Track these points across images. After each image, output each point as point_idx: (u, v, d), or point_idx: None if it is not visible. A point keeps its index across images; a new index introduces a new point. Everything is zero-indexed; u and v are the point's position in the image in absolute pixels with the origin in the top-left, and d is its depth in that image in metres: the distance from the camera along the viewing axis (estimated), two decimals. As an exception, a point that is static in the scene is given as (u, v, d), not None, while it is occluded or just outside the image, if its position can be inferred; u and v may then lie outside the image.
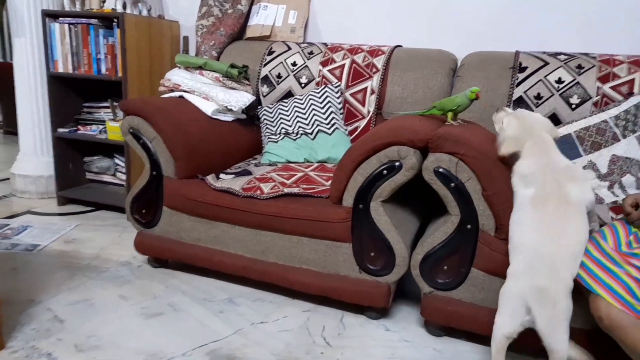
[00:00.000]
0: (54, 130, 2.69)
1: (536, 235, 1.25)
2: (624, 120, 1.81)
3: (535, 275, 1.21)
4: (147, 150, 1.92)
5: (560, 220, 1.24)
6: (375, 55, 2.30)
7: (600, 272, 1.19)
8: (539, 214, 1.26)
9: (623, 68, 1.92)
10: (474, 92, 1.65)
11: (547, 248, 1.22)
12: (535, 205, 1.28)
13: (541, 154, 1.38)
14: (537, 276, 1.21)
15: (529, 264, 1.24)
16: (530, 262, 1.24)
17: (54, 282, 1.89)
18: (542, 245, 1.23)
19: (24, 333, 1.55)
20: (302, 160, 2.19)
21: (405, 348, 1.59)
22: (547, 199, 1.26)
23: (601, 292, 1.16)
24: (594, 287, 1.17)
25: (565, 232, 1.23)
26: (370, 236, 1.64)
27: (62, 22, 2.54)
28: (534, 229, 1.26)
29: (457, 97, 1.71)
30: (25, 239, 2.29)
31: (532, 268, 1.23)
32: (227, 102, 2.17)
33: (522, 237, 1.29)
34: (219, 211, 1.81)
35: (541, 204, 1.27)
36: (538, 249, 1.23)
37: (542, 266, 1.21)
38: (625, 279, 1.15)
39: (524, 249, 1.27)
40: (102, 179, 2.93)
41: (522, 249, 1.28)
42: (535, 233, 1.25)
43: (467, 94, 1.67)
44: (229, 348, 1.54)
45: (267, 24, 2.60)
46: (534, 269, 1.22)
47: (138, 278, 1.97)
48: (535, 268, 1.22)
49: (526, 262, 1.25)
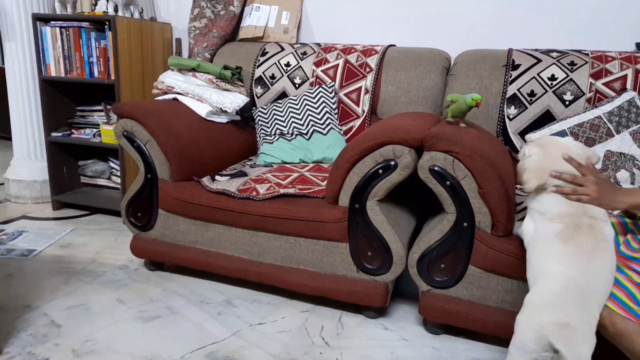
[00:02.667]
0: (48, 135, 2.67)
1: (569, 268, 1.13)
2: (618, 116, 1.82)
3: (564, 309, 1.09)
4: (142, 153, 1.91)
5: (596, 256, 1.13)
6: (369, 55, 2.30)
7: None
8: (573, 248, 1.14)
9: (615, 64, 1.93)
10: (476, 100, 1.55)
11: (581, 284, 1.10)
12: (566, 239, 1.16)
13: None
14: (566, 311, 1.08)
15: (559, 297, 1.11)
16: (560, 296, 1.11)
17: (50, 287, 1.88)
18: (576, 280, 1.11)
19: (20, 339, 1.54)
20: (297, 160, 2.18)
21: (404, 347, 1.59)
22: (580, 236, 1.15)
23: None
24: None
25: (601, 272, 1.12)
26: (366, 236, 1.64)
27: (54, 26, 2.53)
28: (568, 262, 1.14)
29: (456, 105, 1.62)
30: (20, 244, 2.28)
31: (561, 301, 1.10)
32: (221, 103, 2.17)
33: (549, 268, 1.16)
34: (214, 213, 1.81)
35: (573, 238, 1.15)
36: (571, 283, 1.11)
37: (574, 301, 1.09)
38: (626, 285, 1.13)
39: (552, 278, 1.14)
40: (97, 183, 2.92)
41: (550, 279, 1.14)
42: (569, 266, 1.13)
43: (467, 100, 1.58)
44: (227, 350, 1.53)
45: (260, 25, 2.59)
46: (564, 302, 1.10)
47: (134, 282, 1.96)
48: (565, 301, 1.10)
49: (556, 293, 1.11)
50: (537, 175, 1.24)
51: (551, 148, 1.27)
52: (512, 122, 2.01)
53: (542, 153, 1.26)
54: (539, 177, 1.24)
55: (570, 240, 1.15)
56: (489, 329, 1.54)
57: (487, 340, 1.64)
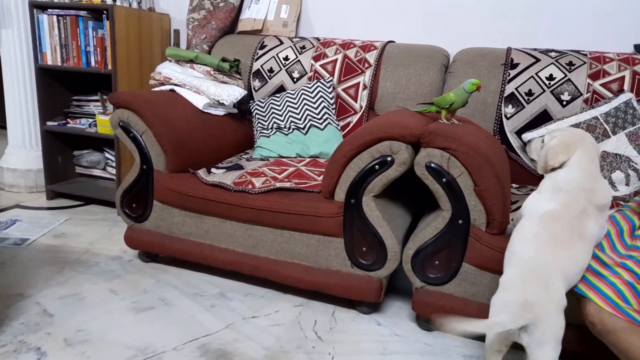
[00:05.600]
0: (43, 124, 2.65)
1: (535, 249, 1.18)
2: (614, 117, 1.83)
3: (525, 288, 1.14)
4: (137, 144, 1.90)
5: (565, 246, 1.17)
6: (368, 51, 2.29)
7: (592, 277, 1.18)
8: (545, 232, 1.19)
9: (613, 65, 1.94)
10: (475, 84, 1.56)
11: (542, 262, 1.16)
12: (545, 222, 1.21)
13: (591, 173, 1.25)
14: (527, 289, 1.14)
15: (521, 275, 1.17)
16: (522, 273, 1.17)
17: (43, 277, 1.87)
18: (537, 259, 1.17)
19: (12, 327, 1.54)
20: (294, 155, 2.18)
21: (397, 342, 1.60)
22: (562, 219, 1.19)
23: (592, 296, 1.15)
24: (586, 291, 1.16)
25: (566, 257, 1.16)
26: (361, 231, 1.64)
27: (51, 14, 2.51)
28: (534, 243, 1.19)
29: (451, 94, 1.62)
30: (13, 233, 2.27)
31: (523, 280, 1.16)
32: (219, 96, 2.16)
33: (521, 248, 1.22)
34: (210, 205, 1.80)
35: (551, 223, 1.20)
36: (533, 262, 1.17)
37: (534, 279, 1.15)
38: (616, 283, 1.14)
39: (519, 260, 1.20)
40: (92, 173, 2.91)
41: (517, 260, 1.21)
42: (534, 247, 1.19)
43: (465, 87, 1.58)
44: (220, 342, 1.53)
45: (259, 18, 2.58)
46: (526, 281, 1.15)
47: (128, 272, 1.95)
48: (526, 280, 1.15)
49: (518, 272, 1.18)
50: (564, 151, 1.28)
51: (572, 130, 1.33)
52: (509, 120, 2.01)
53: (565, 134, 1.32)
54: (566, 152, 1.28)
55: (546, 225, 1.20)
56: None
57: (479, 337, 1.64)
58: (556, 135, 1.33)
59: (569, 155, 1.27)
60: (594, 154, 1.28)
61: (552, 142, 1.31)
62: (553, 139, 1.32)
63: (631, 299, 1.12)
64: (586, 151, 1.27)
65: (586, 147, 1.28)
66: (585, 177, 1.24)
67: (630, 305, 1.11)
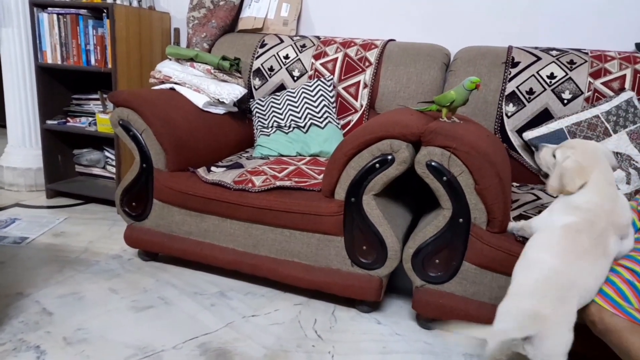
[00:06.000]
0: (43, 122, 2.65)
1: (560, 259, 1.14)
2: (615, 116, 1.82)
3: (540, 300, 1.11)
4: (137, 143, 1.90)
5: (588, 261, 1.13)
6: (368, 49, 2.29)
7: None
8: (570, 242, 1.15)
9: (614, 64, 1.93)
10: (474, 82, 1.56)
11: (563, 277, 1.12)
12: (568, 232, 1.16)
13: (610, 195, 1.20)
14: (541, 301, 1.10)
15: (541, 284, 1.13)
16: (542, 283, 1.13)
17: (43, 275, 1.87)
18: (561, 270, 1.12)
19: (12, 326, 1.54)
20: (294, 153, 2.18)
21: (397, 341, 1.59)
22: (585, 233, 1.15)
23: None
24: None
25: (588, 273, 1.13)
26: (362, 230, 1.63)
27: (51, 12, 2.50)
28: (557, 254, 1.15)
29: (451, 92, 1.62)
30: (13, 231, 2.27)
31: (539, 291, 1.12)
32: (219, 94, 2.15)
33: (541, 257, 1.17)
34: (210, 204, 1.80)
35: (575, 234, 1.16)
36: (554, 272, 1.13)
37: (551, 293, 1.11)
38: (616, 282, 1.14)
39: (539, 267, 1.16)
40: (92, 172, 2.90)
41: (536, 268, 1.16)
42: (559, 256, 1.14)
43: (465, 85, 1.58)
44: (220, 341, 1.53)
45: (259, 17, 2.58)
46: (541, 294, 1.12)
47: (128, 271, 1.95)
48: (543, 292, 1.12)
49: (538, 281, 1.14)
50: (581, 175, 1.22)
51: (587, 145, 1.27)
52: (510, 119, 2.01)
53: (579, 153, 1.25)
54: (583, 177, 1.22)
55: (571, 236, 1.15)
56: (481, 324, 1.54)
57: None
58: (569, 154, 1.26)
59: (586, 179, 1.22)
60: (611, 173, 1.24)
61: (567, 163, 1.25)
62: (567, 159, 1.26)
63: (632, 298, 1.11)
64: (602, 172, 1.22)
65: (602, 167, 1.22)
66: (604, 199, 1.19)
67: (631, 304, 1.11)
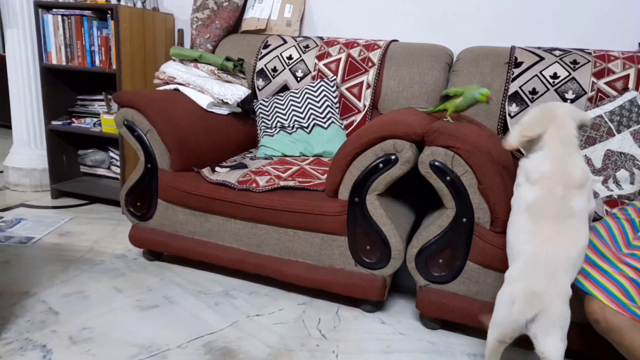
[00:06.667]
0: (48, 123, 2.66)
1: (533, 242, 1.19)
2: (619, 116, 1.82)
3: (530, 280, 1.15)
4: (142, 143, 1.91)
5: (559, 231, 1.18)
6: (371, 50, 2.29)
7: (595, 273, 1.17)
8: (535, 224, 1.20)
9: (618, 64, 1.93)
10: (485, 95, 1.55)
11: (544, 254, 1.16)
12: (532, 214, 1.22)
13: (561, 153, 1.23)
14: (532, 280, 1.15)
15: (525, 268, 1.18)
16: (526, 267, 1.18)
17: (48, 275, 1.88)
18: (539, 252, 1.17)
19: (18, 325, 1.55)
20: (297, 154, 2.18)
21: (400, 341, 1.60)
22: (546, 209, 1.20)
23: (596, 293, 1.14)
24: (589, 288, 1.16)
25: (564, 241, 1.17)
26: (365, 229, 1.64)
27: (56, 14, 2.52)
28: (530, 237, 1.20)
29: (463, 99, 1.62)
30: (18, 231, 2.28)
31: (528, 272, 1.17)
32: (223, 95, 2.16)
33: (518, 243, 1.23)
34: (214, 204, 1.81)
35: (539, 214, 1.21)
36: (535, 255, 1.17)
37: (539, 271, 1.15)
38: (620, 280, 1.14)
39: (520, 254, 1.21)
40: (96, 172, 2.92)
41: (518, 254, 1.22)
42: (531, 240, 1.20)
43: (476, 96, 1.57)
44: (224, 340, 1.54)
45: (262, 18, 2.59)
46: (530, 274, 1.16)
47: (132, 271, 1.96)
48: (531, 272, 1.16)
49: (522, 266, 1.19)
50: (538, 124, 1.27)
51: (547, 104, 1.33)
52: (513, 119, 2.01)
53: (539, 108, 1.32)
54: (540, 126, 1.26)
55: (536, 217, 1.21)
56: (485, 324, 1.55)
57: (482, 335, 1.64)
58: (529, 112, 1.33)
59: (543, 128, 1.26)
60: (565, 132, 1.25)
61: (526, 117, 1.32)
62: (528, 113, 1.33)
63: (635, 296, 1.12)
64: (558, 129, 1.25)
65: (558, 124, 1.25)
66: (554, 165, 1.23)
67: (635, 303, 1.11)
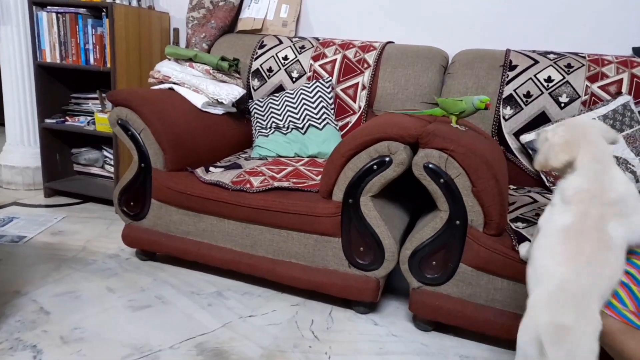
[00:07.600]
0: (41, 121, 2.65)
1: (565, 268, 1.08)
2: (612, 120, 1.83)
3: (558, 310, 1.03)
4: (136, 142, 1.90)
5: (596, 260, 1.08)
6: (367, 51, 2.29)
7: None
8: (571, 249, 1.10)
9: (611, 68, 1.94)
10: (484, 102, 1.54)
11: (579, 286, 1.05)
12: (568, 238, 1.12)
13: (596, 174, 1.14)
14: (561, 311, 1.03)
15: (553, 297, 1.06)
16: (554, 295, 1.07)
17: (40, 274, 1.87)
18: (574, 283, 1.06)
19: (8, 324, 1.54)
20: (292, 154, 2.18)
21: (393, 342, 1.60)
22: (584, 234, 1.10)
23: None
24: None
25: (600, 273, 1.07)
26: (359, 231, 1.64)
27: (50, 11, 2.50)
28: (563, 262, 1.09)
29: (463, 102, 1.60)
30: (11, 230, 2.26)
31: (556, 301, 1.05)
32: (218, 95, 2.16)
33: (549, 268, 1.12)
34: (208, 204, 1.80)
35: (574, 239, 1.11)
36: (566, 283, 1.06)
37: (571, 303, 1.04)
38: None
39: (547, 280, 1.10)
40: (90, 171, 2.90)
41: (545, 280, 1.10)
42: (563, 266, 1.09)
43: (475, 103, 1.56)
44: (217, 341, 1.53)
45: (258, 18, 2.58)
46: (559, 304, 1.04)
47: (125, 271, 1.95)
48: (560, 302, 1.05)
49: (549, 294, 1.07)
50: (566, 150, 1.19)
51: (576, 122, 1.24)
52: (507, 122, 2.02)
53: (568, 128, 1.22)
54: (569, 152, 1.19)
55: (571, 240, 1.11)
56: (478, 326, 1.55)
57: (475, 338, 1.65)
58: (558, 131, 1.24)
59: (571, 155, 1.18)
60: (598, 150, 1.18)
61: (554, 139, 1.22)
62: (555, 136, 1.23)
63: (627, 301, 1.12)
64: (590, 148, 1.17)
65: (590, 142, 1.18)
66: (589, 182, 1.14)
67: (627, 307, 1.11)
